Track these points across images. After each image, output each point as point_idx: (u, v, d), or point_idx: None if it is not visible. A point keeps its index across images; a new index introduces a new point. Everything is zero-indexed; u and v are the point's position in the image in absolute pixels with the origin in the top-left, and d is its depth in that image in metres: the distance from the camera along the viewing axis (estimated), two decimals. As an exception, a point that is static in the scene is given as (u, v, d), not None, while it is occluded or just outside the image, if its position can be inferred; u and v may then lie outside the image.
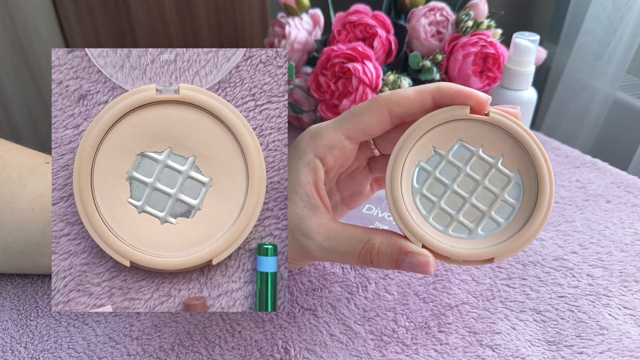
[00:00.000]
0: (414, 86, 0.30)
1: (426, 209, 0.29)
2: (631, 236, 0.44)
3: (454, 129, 0.29)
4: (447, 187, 0.29)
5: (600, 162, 0.54)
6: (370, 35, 0.54)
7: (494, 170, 0.28)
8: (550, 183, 0.27)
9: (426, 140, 0.29)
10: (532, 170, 0.28)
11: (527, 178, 0.28)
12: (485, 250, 0.27)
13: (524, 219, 0.28)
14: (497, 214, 0.28)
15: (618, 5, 0.68)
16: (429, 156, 0.29)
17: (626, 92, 0.74)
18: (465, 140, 0.29)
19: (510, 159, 0.28)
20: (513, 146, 0.28)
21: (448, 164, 0.29)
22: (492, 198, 0.28)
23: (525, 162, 0.28)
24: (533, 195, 0.28)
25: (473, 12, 0.55)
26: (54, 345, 0.34)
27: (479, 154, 0.28)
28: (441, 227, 0.29)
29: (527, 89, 0.49)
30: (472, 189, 0.28)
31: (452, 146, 0.29)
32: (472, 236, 0.28)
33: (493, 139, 0.28)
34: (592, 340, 0.35)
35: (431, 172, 0.29)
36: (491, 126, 0.28)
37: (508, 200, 0.28)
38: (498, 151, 0.28)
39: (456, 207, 0.29)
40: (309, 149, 0.30)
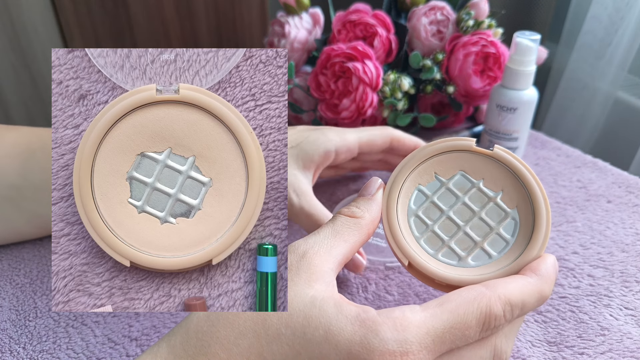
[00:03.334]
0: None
1: (419, 230, 0.29)
2: (632, 236, 0.44)
3: (458, 158, 0.29)
4: (443, 212, 0.29)
5: (602, 162, 0.54)
6: (370, 34, 0.54)
7: (492, 203, 0.29)
8: (547, 224, 0.27)
9: (429, 165, 0.29)
10: (530, 208, 0.28)
11: (524, 216, 0.28)
12: (472, 278, 0.27)
13: (516, 255, 0.27)
14: (489, 246, 0.28)
15: (619, 5, 0.68)
16: (429, 181, 0.29)
17: (627, 92, 0.74)
18: (468, 171, 0.29)
19: (509, 195, 0.28)
20: (514, 183, 0.28)
21: (447, 191, 0.29)
22: (486, 230, 0.28)
23: (525, 200, 0.28)
24: (528, 233, 0.28)
25: (474, 11, 0.55)
26: (53, 345, 0.34)
27: (479, 186, 0.29)
28: (431, 251, 0.29)
29: (528, 88, 0.49)
30: (467, 218, 0.29)
31: (453, 175, 0.29)
32: (461, 264, 0.28)
33: (495, 174, 0.29)
34: (593, 341, 0.35)
35: (429, 196, 0.29)
36: (494, 162, 0.29)
37: (502, 235, 0.28)
38: (498, 186, 0.29)
39: (449, 233, 0.29)
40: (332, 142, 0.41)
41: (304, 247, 0.26)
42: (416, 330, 0.23)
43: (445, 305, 0.24)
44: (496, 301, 0.24)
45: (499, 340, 0.26)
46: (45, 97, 0.82)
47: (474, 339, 0.24)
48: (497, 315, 0.24)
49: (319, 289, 0.24)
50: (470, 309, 0.24)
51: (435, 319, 0.23)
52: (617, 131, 0.75)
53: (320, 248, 0.26)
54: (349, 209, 0.28)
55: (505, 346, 0.26)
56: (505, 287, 0.25)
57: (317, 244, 0.26)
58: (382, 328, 0.23)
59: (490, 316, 0.24)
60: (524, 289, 0.25)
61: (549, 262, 0.26)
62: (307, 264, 0.25)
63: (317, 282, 0.24)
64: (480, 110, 0.61)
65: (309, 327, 0.23)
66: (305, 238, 0.26)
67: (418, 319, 0.23)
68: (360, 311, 0.23)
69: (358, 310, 0.23)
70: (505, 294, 0.24)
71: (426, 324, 0.23)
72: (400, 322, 0.23)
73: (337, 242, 0.26)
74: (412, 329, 0.23)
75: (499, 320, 0.24)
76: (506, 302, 0.24)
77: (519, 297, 0.24)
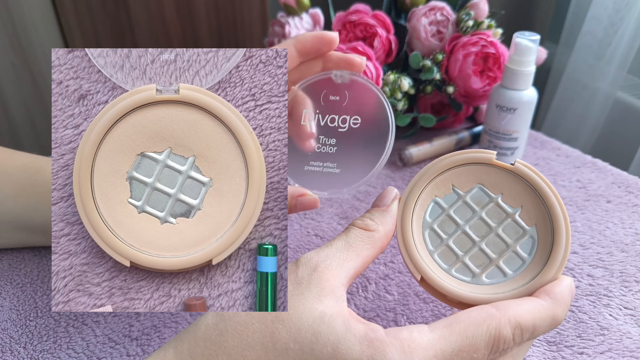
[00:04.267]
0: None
1: (433, 244, 0.28)
2: (632, 236, 0.44)
3: (477, 171, 0.28)
4: (459, 226, 0.28)
5: (601, 162, 0.54)
6: (370, 34, 0.54)
7: (509, 220, 0.28)
8: (567, 244, 0.26)
9: (446, 177, 0.28)
10: (549, 227, 0.27)
11: (543, 234, 0.27)
12: (485, 297, 0.26)
13: (532, 275, 0.27)
14: (505, 264, 0.27)
15: (618, 6, 0.68)
16: (446, 193, 0.29)
17: (627, 92, 0.74)
18: (486, 185, 0.28)
19: (528, 212, 0.28)
20: (534, 200, 0.27)
21: (464, 204, 0.28)
22: (503, 247, 0.28)
23: (544, 217, 0.27)
24: (546, 253, 0.27)
25: (473, 12, 0.55)
26: (53, 345, 0.34)
27: (498, 201, 0.28)
28: (445, 266, 0.28)
29: (528, 88, 0.49)
30: (483, 234, 0.28)
31: (471, 188, 0.28)
32: (475, 281, 0.27)
33: (514, 189, 0.28)
34: (593, 341, 0.35)
35: (446, 209, 0.28)
36: (514, 176, 0.28)
37: (519, 253, 0.27)
38: (517, 202, 0.28)
39: (464, 249, 0.28)
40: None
41: (316, 259, 0.25)
42: (424, 352, 0.23)
43: (454, 326, 0.23)
44: (506, 324, 0.23)
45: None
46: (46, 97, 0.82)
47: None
48: (506, 339, 0.23)
49: (329, 304, 0.24)
50: (479, 332, 0.23)
51: (443, 341, 0.23)
52: (617, 131, 0.75)
53: (333, 262, 0.25)
54: (363, 221, 0.27)
55: None
56: (516, 310, 0.24)
57: (330, 257, 0.26)
58: (390, 349, 0.22)
59: (500, 339, 0.23)
60: (535, 312, 0.24)
61: (565, 285, 0.26)
62: (318, 278, 0.25)
63: (327, 297, 0.24)
64: (480, 110, 0.61)
65: (317, 344, 0.23)
66: (317, 250, 0.26)
67: (426, 340, 0.23)
68: (369, 330, 0.23)
69: (366, 330, 0.23)
70: (516, 317, 0.24)
71: (434, 346, 0.23)
72: (408, 343, 0.23)
73: (349, 255, 0.26)
74: (419, 351, 0.23)
75: (508, 343, 0.24)
76: (516, 326, 0.24)
77: (529, 321, 0.24)
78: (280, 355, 0.23)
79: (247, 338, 0.23)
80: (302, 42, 0.33)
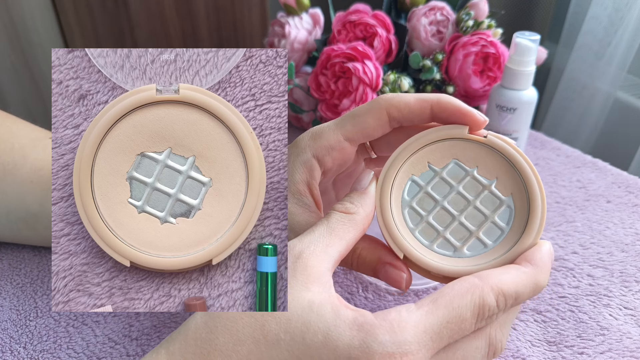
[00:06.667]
0: (417, 93, 0.29)
1: (413, 222, 0.29)
2: (632, 236, 0.44)
3: (451, 147, 0.29)
4: (437, 202, 0.29)
5: (601, 162, 0.54)
6: (370, 34, 0.54)
7: (486, 192, 0.28)
8: (542, 210, 0.27)
9: (422, 155, 0.29)
10: (525, 196, 0.28)
11: (520, 203, 0.28)
12: (468, 269, 0.27)
13: (511, 243, 0.27)
14: (485, 236, 0.28)
15: (618, 6, 0.68)
16: (422, 171, 0.29)
17: (627, 92, 0.74)
18: (461, 159, 0.29)
19: (504, 183, 0.28)
20: (508, 170, 0.28)
21: (441, 180, 0.29)
22: (481, 219, 0.28)
23: (519, 187, 0.28)
24: (523, 221, 0.27)
25: (473, 12, 0.55)
26: (53, 345, 0.34)
27: (474, 174, 0.28)
28: (426, 242, 0.28)
29: (528, 88, 0.49)
30: (462, 208, 0.28)
31: (447, 164, 0.29)
32: (457, 254, 0.28)
33: (489, 161, 0.28)
34: (593, 341, 0.35)
35: (423, 186, 0.29)
36: (488, 149, 0.28)
37: (498, 223, 0.28)
38: (493, 174, 0.28)
39: (444, 224, 0.28)
40: (308, 149, 0.30)
41: (300, 247, 0.25)
42: (413, 330, 0.23)
43: (440, 300, 0.24)
44: (489, 292, 0.24)
45: (494, 329, 0.26)
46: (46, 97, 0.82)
47: (470, 330, 0.24)
48: (490, 306, 0.24)
49: (316, 291, 0.24)
50: (464, 302, 0.24)
51: (430, 316, 0.23)
52: (617, 131, 0.75)
53: (316, 248, 0.25)
54: (343, 205, 0.28)
55: (500, 335, 0.26)
56: (498, 278, 0.25)
57: (313, 243, 0.26)
58: (380, 331, 0.23)
59: (484, 307, 0.24)
60: (517, 279, 0.25)
61: (544, 251, 0.26)
62: (303, 265, 0.25)
63: (314, 285, 0.24)
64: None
65: (308, 333, 0.23)
66: (300, 237, 0.26)
67: (414, 318, 0.23)
68: (358, 315, 0.23)
69: (355, 315, 0.23)
70: (498, 284, 0.24)
71: (423, 322, 0.23)
72: (397, 323, 0.23)
73: (333, 240, 0.26)
74: (409, 329, 0.23)
75: (493, 310, 0.24)
76: (499, 293, 0.24)
77: (512, 288, 0.25)
78: (271, 347, 0.23)
79: (237, 333, 0.23)
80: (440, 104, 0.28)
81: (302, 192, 0.30)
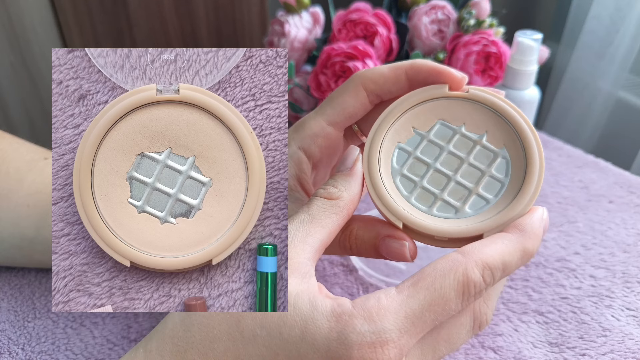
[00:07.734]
0: (389, 63, 0.28)
1: (407, 189, 0.27)
2: (634, 237, 0.44)
3: (434, 108, 0.27)
4: (430, 166, 0.27)
5: (603, 162, 0.54)
6: (371, 33, 0.54)
7: (478, 147, 0.27)
8: (540, 154, 0.26)
9: (405, 120, 0.28)
10: (519, 143, 0.26)
11: (515, 152, 0.26)
12: (472, 226, 0.25)
13: (514, 194, 0.26)
14: (485, 191, 0.26)
15: (620, 5, 0.68)
16: (408, 137, 0.28)
17: (629, 91, 0.74)
18: (446, 119, 0.27)
19: (495, 135, 0.27)
20: (497, 122, 0.27)
21: (429, 143, 0.27)
22: (478, 175, 0.27)
23: (511, 136, 0.27)
24: (522, 169, 0.26)
25: (475, 11, 0.54)
26: (52, 347, 0.34)
27: (462, 131, 0.27)
28: (424, 207, 0.27)
29: (530, 88, 0.49)
30: (456, 167, 0.27)
31: (432, 126, 0.27)
32: (460, 215, 0.26)
33: (475, 116, 0.27)
34: (595, 342, 0.34)
35: (411, 152, 0.27)
36: (472, 103, 0.27)
37: (496, 176, 0.27)
38: (481, 128, 0.27)
39: (440, 186, 0.27)
40: (292, 142, 0.29)
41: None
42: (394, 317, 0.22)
43: (421, 282, 0.22)
44: (473, 267, 0.22)
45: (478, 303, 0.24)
46: (44, 97, 0.81)
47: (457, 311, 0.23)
48: (476, 282, 0.22)
49: (293, 282, 0.23)
50: (446, 282, 0.22)
51: (412, 300, 0.22)
52: (619, 131, 0.75)
53: (295, 238, 0.24)
54: (326, 190, 0.26)
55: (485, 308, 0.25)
56: (482, 251, 0.23)
57: (292, 233, 0.24)
58: (358, 321, 0.22)
59: (469, 284, 0.22)
60: (503, 249, 0.23)
61: (535, 217, 0.25)
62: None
63: (291, 276, 0.23)
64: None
65: (285, 327, 0.22)
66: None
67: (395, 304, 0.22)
68: (336, 305, 0.22)
69: (333, 305, 0.22)
70: (482, 258, 0.23)
71: (403, 308, 0.22)
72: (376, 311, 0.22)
73: (313, 228, 0.25)
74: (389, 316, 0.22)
75: (479, 286, 0.23)
76: (484, 267, 0.23)
77: (497, 259, 0.23)
78: (248, 343, 0.22)
79: (212, 330, 0.23)
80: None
81: (292, 187, 0.29)
